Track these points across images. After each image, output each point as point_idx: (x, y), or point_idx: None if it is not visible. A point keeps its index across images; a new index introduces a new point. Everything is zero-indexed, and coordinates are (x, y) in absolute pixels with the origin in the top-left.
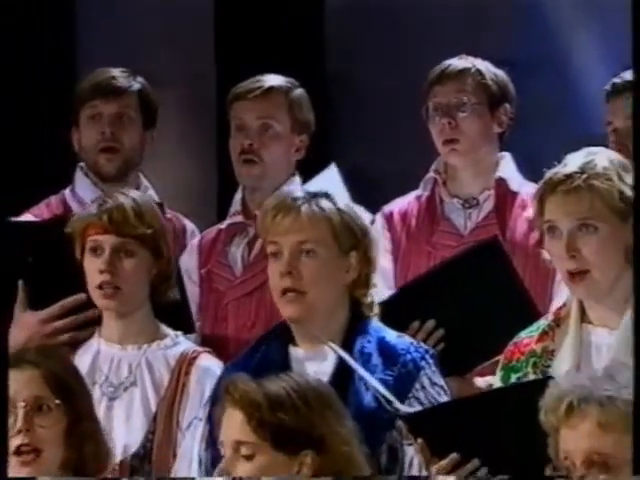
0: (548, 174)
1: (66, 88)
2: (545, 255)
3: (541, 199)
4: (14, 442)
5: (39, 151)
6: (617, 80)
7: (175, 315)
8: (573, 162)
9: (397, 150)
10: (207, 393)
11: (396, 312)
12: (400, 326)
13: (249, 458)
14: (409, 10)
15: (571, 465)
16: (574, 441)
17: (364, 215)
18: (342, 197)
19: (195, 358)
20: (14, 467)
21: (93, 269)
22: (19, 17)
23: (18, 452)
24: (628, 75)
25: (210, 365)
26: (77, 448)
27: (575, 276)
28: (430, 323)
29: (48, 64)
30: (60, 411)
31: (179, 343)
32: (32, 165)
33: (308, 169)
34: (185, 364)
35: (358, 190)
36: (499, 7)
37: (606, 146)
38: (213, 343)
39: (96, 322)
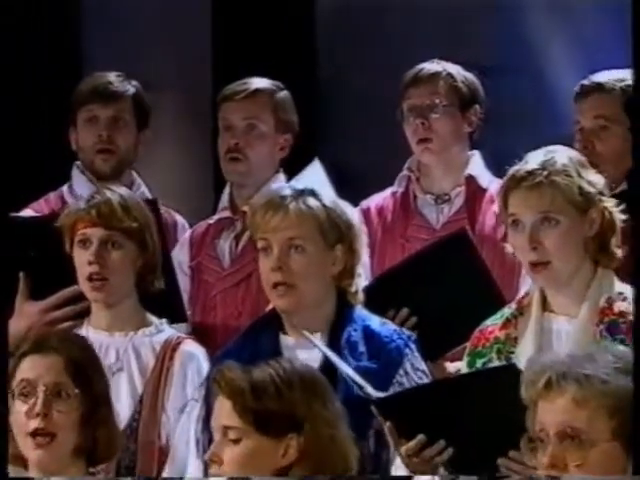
0: (511, 171)
1: (67, 90)
2: (508, 248)
3: (505, 194)
4: (31, 424)
5: (39, 150)
6: (585, 82)
7: (168, 305)
8: (534, 159)
9: (381, 148)
10: (190, 376)
11: (372, 300)
12: (376, 313)
13: (236, 442)
14: (393, 15)
15: (545, 436)
16: (550, 414)
17: (349, 210)
18: (326, 191)
19: (179, 344)
20: (27, 448)
21: (82, 261)
22: (26, 19)
23: (34, 434)
24: (595, 77)
25: (193, 350)
26: (91, 434)
27: (537, 267)
28: (404, 311)
29: (51, 66)
30: (78, 399)
31: (163, 330)
32: (32, 163)
33: (298, 165)
34: (169, 349)
35: (344, 185)
36: (477, 13)
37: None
38: (203, 331)
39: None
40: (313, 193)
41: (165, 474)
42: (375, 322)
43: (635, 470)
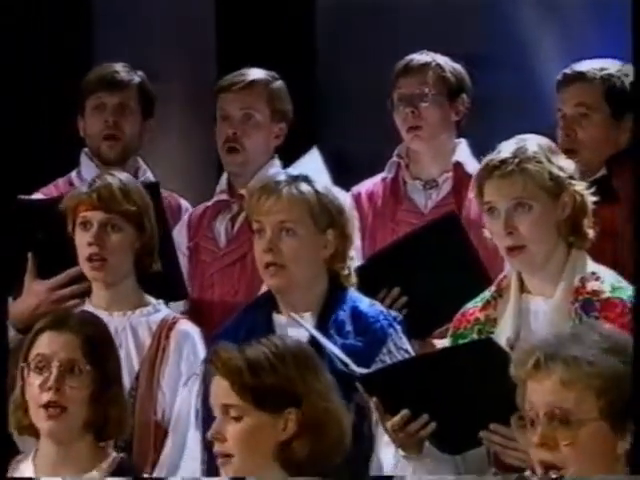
0: (484, 161)
1: (76, 80)
2: (486, 233)
3: (480, 184)
4: (44, 397)
5: (49, 138)
6: (567, 71)
7: (169, 283)
8: (506, 149)
9: (379, 135)
10: (185, 354)
11: (364, 280)
12: (368, 293)
13: (237, 420)
14: (384, 11)
15: (534, 416)
16: (539, 394)
17: (342, 196)
18: (322, 178)
19: (175, 323)
20: (39, 419)
21: (82, 242)
22: (38, 10)
23: (46, 406)
24: (577, 66)
25: (188, 329)
26: (101, 411)
27: (513, 251)
28: (395, 291)
29: (62, 57)
30: (90, 376)
31: (160, 310)
32: (43, 150)
33: (298, 152)
34: (165, 329)
35: (343, 173)
36: (466, 7)
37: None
38: (201, 308)
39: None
40: (306, 179)
41: (168, 442)
42: (364, 303)
43: (635, 470)
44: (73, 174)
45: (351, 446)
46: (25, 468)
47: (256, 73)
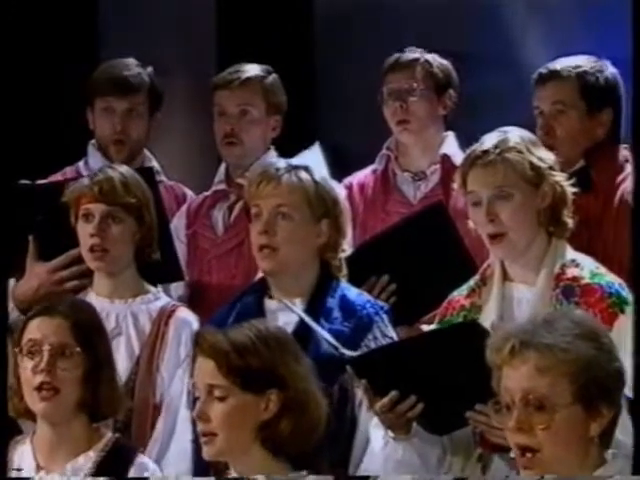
0: (467, 152)
1: (85, 77)
2: (470, 224)
3: (463, 173)
4: (37, 379)
5: (58, 128)
6: (543, 70)
7: (166, 266)
8: (488, 140)
9: (375, 132)
10: (184, 340)
11: (354, 268)
12: (358, 280)
13: (222, 399)
14: (381, 10)
15: (510, 401)
16: (514, 380)
17: (338, 189)
18: (321, 170)
19: (173, 311)
20: (33, 402)
21: (85, 233)
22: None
23: (39, 388)
24: (552, 65)
25: (186, 317)
26: (93, 392)
27: (495, 238)
28: (384, 278)
29: (73, 55)
30: (80, 357)
31: (160, 298)
32: (51, 141)
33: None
34: (165, 316)
35: (342, 169)
36: (458, 8)
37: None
38: (200, 293)
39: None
40: (306, 168)
41: (159, 421)
42: (353, 293)
43: (635, 470)
44: (81, 163)
45: (335, 427)
46: (23, 449)
47: (251, 69)
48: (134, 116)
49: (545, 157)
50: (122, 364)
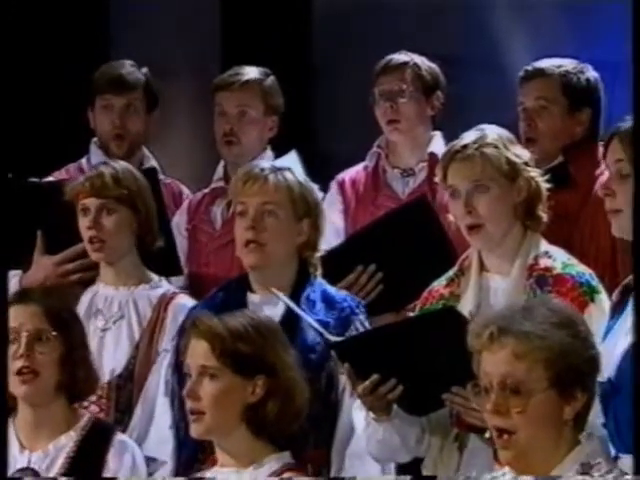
0: (447, 147)
1: (93, 70)
2: (450, 217)
3: (444, 167)
4: (17, 364)
5: (62, 127)
6: (528, 68)
7: (166, 260)
8: (467, 136)
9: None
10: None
11: (344, 258)
12: (347, 270)
13: (212, 380)
14: (380, 10)
15: (488, 384)
16: (492, 365)
17: (318, 192)
18: (301, 174)
19: (173, 298)
20: (15, 385)
21: (83, 226)
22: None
23: (19, 373)
24: (537, 64)
25: (185, 303)
26: (70, 373)
27: (472, 229)
28: (371, 267)
29: (83, 58)
30: (57, 341)
31: (161, 286)
32: (55, 138)
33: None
34: (165, 302)
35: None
36: (448, 11)
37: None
38: (198, 284)
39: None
40: (289, 170)
41: (137, 409)
42: (331, 289)
43: (635, 470)
44: (83, 160)
45: (320, 411)
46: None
47: (250, 72)
48: (132, 112)
49: (521, 153)
50: (123, 348)
